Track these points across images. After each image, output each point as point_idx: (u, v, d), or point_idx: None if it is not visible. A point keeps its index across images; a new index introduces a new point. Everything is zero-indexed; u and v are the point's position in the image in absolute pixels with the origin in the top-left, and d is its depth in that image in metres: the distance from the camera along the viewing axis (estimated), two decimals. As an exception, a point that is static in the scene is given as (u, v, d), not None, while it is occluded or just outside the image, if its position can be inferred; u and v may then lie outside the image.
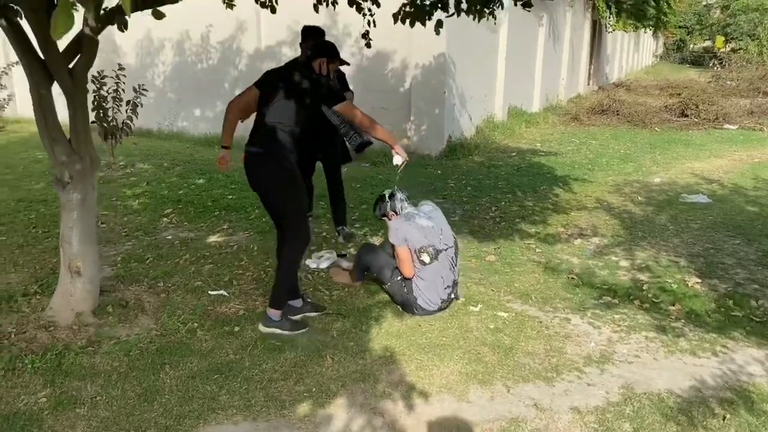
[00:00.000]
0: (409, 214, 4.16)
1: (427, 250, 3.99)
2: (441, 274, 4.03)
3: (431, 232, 4.06)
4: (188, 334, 3.75)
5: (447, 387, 3.30)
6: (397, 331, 3.87)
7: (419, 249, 4.00)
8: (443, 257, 4.04)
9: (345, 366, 3.46)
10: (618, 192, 7.63)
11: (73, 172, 3.82)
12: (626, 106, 14.59)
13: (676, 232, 6.06)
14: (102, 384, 3.22)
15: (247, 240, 5.51)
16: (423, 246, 4.00)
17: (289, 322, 3.85)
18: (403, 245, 4.01)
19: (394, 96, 9.16)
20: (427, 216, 4.20)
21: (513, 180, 8.01)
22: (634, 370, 3.52)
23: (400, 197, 4.24)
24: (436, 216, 4.24)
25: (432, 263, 4.00)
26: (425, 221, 4.10)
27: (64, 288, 3.90)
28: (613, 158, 9.69)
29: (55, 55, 3.63)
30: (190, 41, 10.70)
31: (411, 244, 4.01)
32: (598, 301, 4.45)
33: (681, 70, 33.66)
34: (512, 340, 3.80)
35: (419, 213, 4.20)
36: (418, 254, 4.00)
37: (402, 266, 4.05)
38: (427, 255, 3.99)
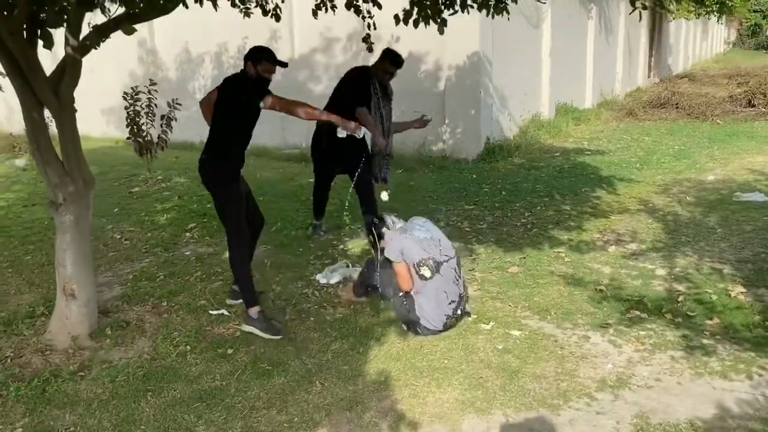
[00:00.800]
0: (402, 227, 3.92)
1: (426, 263, 3.73)
2: (444, 288, 3.76)
3: (429, 243, 3.80)
4: (179, 358, 3.63)
5: (440, 416, 3.05)
6: (397, 353, 3.63)
7: (418, 263, 3.74)
8: (445, 269, 3.77)
9: (334, 392, 3.26)
10: (665, 192, 7.12)
11: (66, 193, 3.77)
12: (686, 98, 13.80)
13: (724, 236, 5.56)
14: (81, 413, 3.13)
15: (263, 255, 5.37)
16: (422, 259, 3.74)
17: (265, 324, 3.90)
18: (399, 259, 3.78)
19: (428, 99, 8.88)
20: (422, 228, 3.95)
21: (553, 182, 7.61)
22: (653, 396, 3.16)
23: (390, 217, 4.05)
24: (431, 228, 3.99)
25: (434, 277, 3.74)
26: (421, 233, 3.85)
27: (60, 311, 3.86)
28: (665, 155, 9.10)
29: (39, 78, 3.58)
30: (227, 54, 10.74)
31: (409, 258, 3.76)
32: (624, 315, 4.07)
33: (755, 57, 31.82)
34: (520, 363, 3.49)
35: (416, 226, 3.96)
36: (418, 268, 3.75)
37: (399, 281, 3.81)
38: (428, 269, 3.73)
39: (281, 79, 10.30)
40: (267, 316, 4.00)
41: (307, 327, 4.00)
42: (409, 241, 3.79)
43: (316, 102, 9.94)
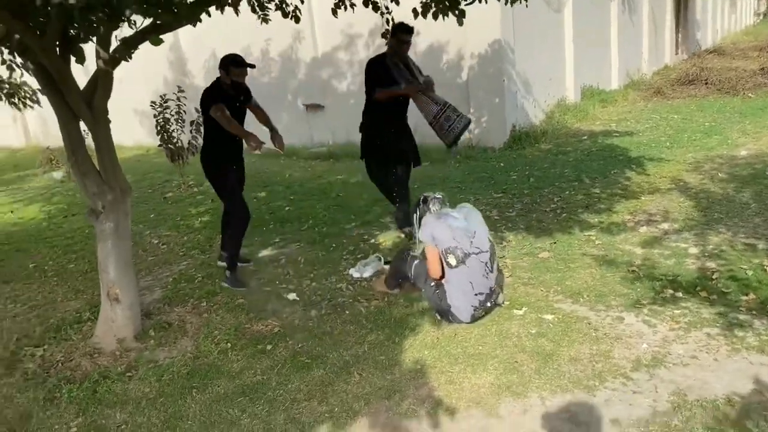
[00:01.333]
0: (441, 213, 3.95)
1: (454, 252, 3.77)
2: (470, 279, 3.79)
3: (461, 233, 3.83)
4: (220, 355, 3.75)
5: (476, 401, 3.10)
6: (432, 342, 3.70)
7: (445, 250, 3.78)
8: (473, 261, 3.81)
9: (372, 382, 3.34)
10: (697, 170, 7.03)
11: (105, 202, 3.91)
12: (716, 73, 13.52)
13: (758, 211, 5.48)
14: (130, 412, 3.26)
15: (296, 252, 5.49)
16: (450, 247, 3.78)
17: (233, 279, 4.81)
18: (430, 243, 3.82)
19: (452, 89, 8.85)
20: (463, 217, 3.97)
21: (581, 166, 7.57)
22: (689, 374, 3.17)
23: (435, 198, 4.06)
24: (472, 218, 3.99)
25: (459, 267, 3.78)
26: (458, 222, 3.86)
27: (105, 315, 4.01)
28: (695, 132, 8.97)
29: (73, 91, 3.72)
30: (251, 57, 10.88)
31: (438, 243, 3.80)
32: (657, 295, 4.07)
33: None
34: (554, 346, 3.53)
35: (454, 214, 3.99)
36: (445, 255, 3.79)
37: (429, 265, 3.86)
38: (454, 257, 3.77)
39: (305, 78, 10.50)
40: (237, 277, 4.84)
41: (343, 320, 4.08)
42: (442, 227, 3.83)
43: (342, 99, 10.08)
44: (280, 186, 8.02)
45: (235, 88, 4.69)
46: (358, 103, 9.95)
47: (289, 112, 10.71)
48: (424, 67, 9.08)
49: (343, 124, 10.04)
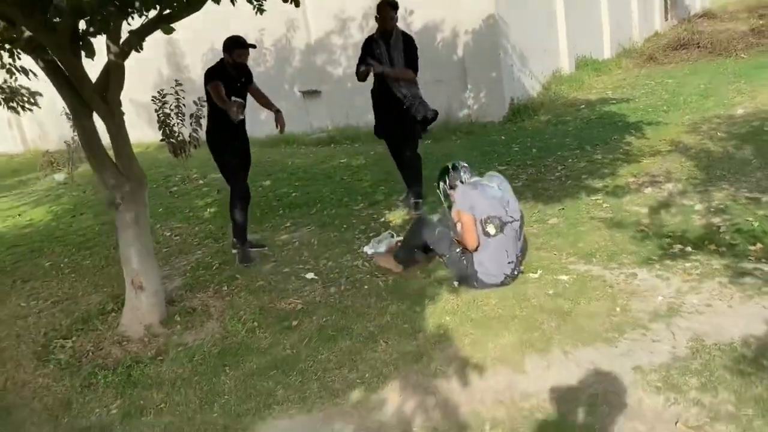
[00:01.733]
0: (477, 182, 4.04)
1: (493, 221, 3.85)
2: (506, 247, 3.89)
3: (498, 203, 3.91)
4: (248, 334, 3.85)
5: (502, 359, 3.22)
6: (452, 308, 3.80)
7: (485, 219, 3.86)
8: (509, 230, 3.89)
9: (398, 348, 3.44)
10: (695, 131, 7.12)
11: (124, 193, 3.99)
12: (707, 36, 13.58)
13: (759, 165, 5.59)
14: (167, 391, 3.36)
15: (308, 235, 5.57)
16: (489, 216, 3.86)
17: (241, 254, 5.04)
18: (468, 213, 3.90)
19: (448, 66, 8.96)
20: (496, 186, 4.05)
21: (581, 135, 7.66)
22: (705, 321, 3.28)
23: (464, 167, 4.14)
24: (504, 187, 4.07)
25: (497, 235, 3.86)
26: (494, 191, 3.95)
27: (131, 303, 4.10)
28: (691, 95, 9.05)
29: (87, 86, 3.79)
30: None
31: (476, 212, 3.89)
32: (667, 251, 4.18)
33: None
34: (572, 304, 3.64)
35: (489, 183, 4.07)
36: (484, 225, 3.87)
37: (466, 235, 3.93)
38: (493, 226, 3.85)
39: (300, 65, 10.53)
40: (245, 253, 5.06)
41: (363, 294, 4.18)
42: (481, 197, 3.91)
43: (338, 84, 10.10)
44: (284, 173, 8.09)
45: (237, 69, 4.93)
46: (355, 86, 10.02)
47: (287, 100, 10.73)
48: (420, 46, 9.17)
49: (341, 108, 10.12)
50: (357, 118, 9.66)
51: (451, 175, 4.13)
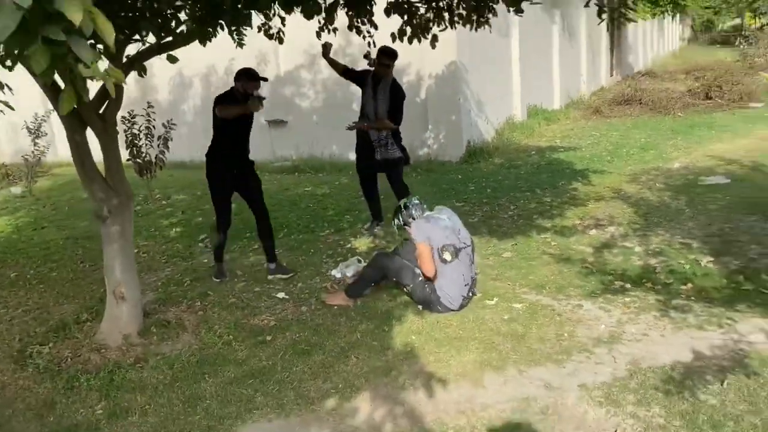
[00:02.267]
0: (428, 216, 4.44)
1: (448, 248, 4.25)
2: (462, 271, 4.29)
3: (450, 232, 4.33)
4: (225, 346, 4.09)
5: (463, 375, 3.56)
6: (417, 329, 4.14)
7: (441, 247, 4.26)
8: (463, 255, 4.31)
9: (368, 363, 3.74)
10: (636, 181, 7.75)
11: (111, 206, 4.21)
12: (648, 94, 14.57)
13: (692, 215, 6.19)
14: (150, 395, 3.57)
15: (278, 257, 5.83)
16: (445, 244, 4.26)
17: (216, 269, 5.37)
18: (425, 243, 4.28)
19: (411, 107, 9.35)
20: (446, 217, 4.47)
21: (532, 178, 8.21)
22: (642, 348, 3.71)
23: (416, 203, 4.53)
24: (453, 218, 4.50)
25: (453, 261, 4.26)
26: (445, 222, 4.38)
27: (111, 313, 4.28)
28: (633, 148, 9.78)
29: (87, 104, 4.03)
30: (216, 75, 11.19)
31: (433, 242, 4.27)
32: (609, 286, 4.64)
33: (710, 52, 33.07)
34: (525, 329, 4.03)
35: (440, 215, 4.48)
36: (440, 252, 4.26)
37: (424, 264, 4.31)
38: (449, 253, 4.25)
39: (268, 95, 10.80)
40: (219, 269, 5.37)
41: (333, 314, 4.47)
42: (435, 228, 4.32)
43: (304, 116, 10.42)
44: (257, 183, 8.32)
45: (246, 99, 5.02)
46: (321, 119, 10.40)
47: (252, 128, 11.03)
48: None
49: (306, 139, 10.46)
50: (321, 149, 10.02)
51: (404, 213, 4.53)
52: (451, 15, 4.79)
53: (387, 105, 5.78)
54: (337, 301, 4.64)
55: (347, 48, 9.91)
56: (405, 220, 4.49)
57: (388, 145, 5.88)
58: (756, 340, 3.69)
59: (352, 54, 9.93)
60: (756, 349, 3.56)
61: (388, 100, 5.77)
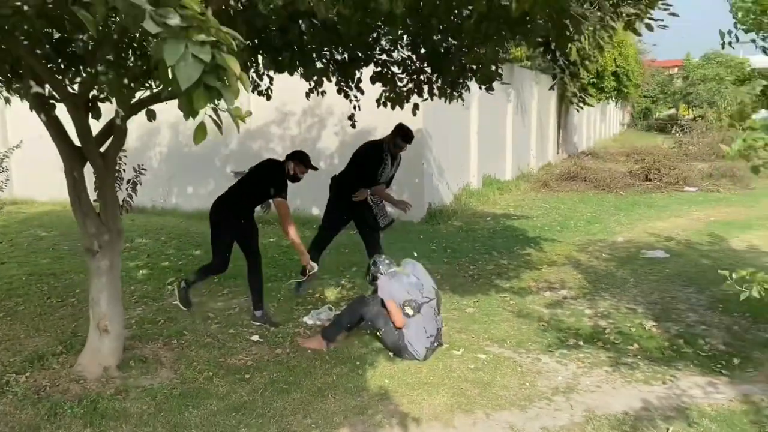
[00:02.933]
0: (394, 273, 4.78)
1: (410, 303, 4.59)
2: (424, 325, 4.61)
3: (413, 287, 4.67)
4: (205, 381, 4.25)
5: (435, 416, 3.83)
6: (390, 373, 4.40)
7: (403, 303, 4.59)
8: (426, 309, 4.63)
9: (346, 402, 3.97)
10: (584, 250, 8.30)
11: (102, 242, 4.38)
12: (592, 173, 15.51)
13: (635, 284, 6.71)
14: (135, 423, 3.70)
15: (247, 303, 6.01)
16: (406, 300, 4.59)
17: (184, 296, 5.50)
18: (391, 299, 4.60)
19: (376, 169, 9.90)
20: (411, 273, 4.81)
21: (489, 242, 8.68)
22: (596, 398, 4.07)
23: (384, 260, 4.89)
24: (417, 272, 4.85)
25: (415, 316, 4.58)
26: (408, 278, 4.72)
27: (92, 345, 4.39)
28: (580, 220, 10.44)
29: (90, 141, 4.27)
30: (184, 124, 11.45)
31: (395, 299, 4.60)
32: (565, 343, 5.03)
33: (647, 137, 35.30)
34: (490, 377, 4.34)
35: (403, 272, 4.82)
36: (403, 307, 4.59)
37: (393, 317, 4.62)
38: (410, 308, 4.58)
39: (236, 148, 11.13)
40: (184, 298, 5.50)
41: (308, 357, 4.69)
42: (397, 285, 4.66)
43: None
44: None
45: (292, 179, 5.34)
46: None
47: (216, 178, 11.26)
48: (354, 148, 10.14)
49: (270, 192, 10.72)
50: (285, 203, 10.28)
51: (372, 270, 4.90)
52: (431, 87, 5.27)
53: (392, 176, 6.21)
54: (311, 345, 4.86)
55: (316, 109, 10.39)
56: (374, 275, 4.84)
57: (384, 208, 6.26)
58: (695, 395, 4.11)
59: (320, 114, 10.41)
60: (695, 403, 3.97)
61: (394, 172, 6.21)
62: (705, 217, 10.80)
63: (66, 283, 6.81)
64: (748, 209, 11.51)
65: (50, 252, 8.36)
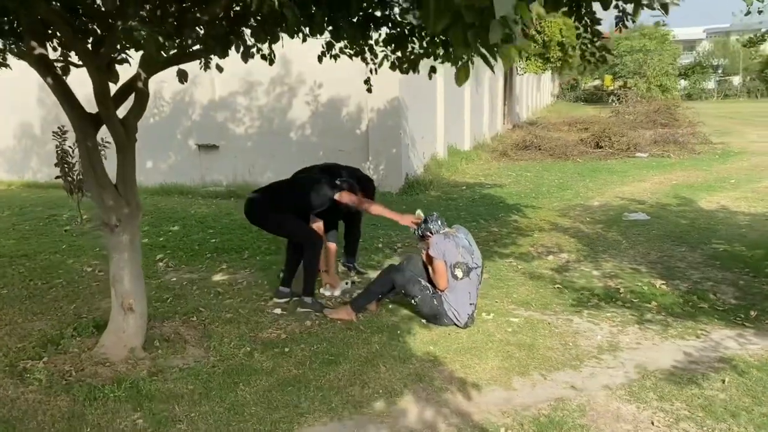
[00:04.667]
0: (447, 233, 4.66)
1: (461, 266, 4.50)
2: (469, 290, 4.53)
3: (465, 251, 4.58)
4: (246, 357, 4.06)
5: (493, 379, 3.79)
6: (431, 340, 4.33)
7: (454, 264, 4.50)
8: (473, 275, 4.56)
9: (399, 371, 3.88)
10: (565, 216, 8.43)
11: (121, 215, 4.08)
12: (546, 141, 15.80)
13: (630, 245, 6.87)
14: (188, 404, 3.48)
15: (251, 276, 5.81)
16: (458, 262, 4.50)
17: (317, 304, 4.92)
18: (441, 259, 4.50)
19: (351, 138, 9.72)
20: (463, 236, 4.71)
21: (472, 210, 8.69)
22: (641, 354, 4.13)
23: (436, 219, 4.75)
24: (469, 237, 4.75)
25: (464, 279, 4.50)
26: (462, 241, 4.62)
27: (116, 325, 4.11)
28: (551, 187, 10.61)
29: (110, 108, 3.95)
30: (140, 95, 10.88)
31: (447, 258, 4.50)
32: (587, 303, 5.08)
33: (577, 108, 36.34)
34: (531, 339, 4.34)
35: (458, 234, 4.71)
36: (452, 269, 4.50)
37: (438, 278, 4.53)
38: (460, 270, 4.49)
39: (200, 119, 10.67)
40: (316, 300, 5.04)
41: (340, 328, 4.55)
42: (452, 245, 4.55)
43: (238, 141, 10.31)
44: (191, 220, 8.16)
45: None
46: (255, 145, 10.34)
47: (179, 152, 10.80)
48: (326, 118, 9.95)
49: (239, 164, 10.39)
50: (257, 175, 9.98)
51: (423, 227, 4.75)
52: (446, 50, 5.13)
53: None
54: (340, 315, 4.72)
55: (285, 78, 10.07)
56: (424, 233, 4.70)
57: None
58: (730, 346, 4.24)
59: (289, 83, 10.10)
60: (737, 354, 4.09)
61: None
62: (666, 180, 11.19)
63: (44, 265, 6.37)
64: (705, 173, 11.99)
65: (12, 233, 7.81)
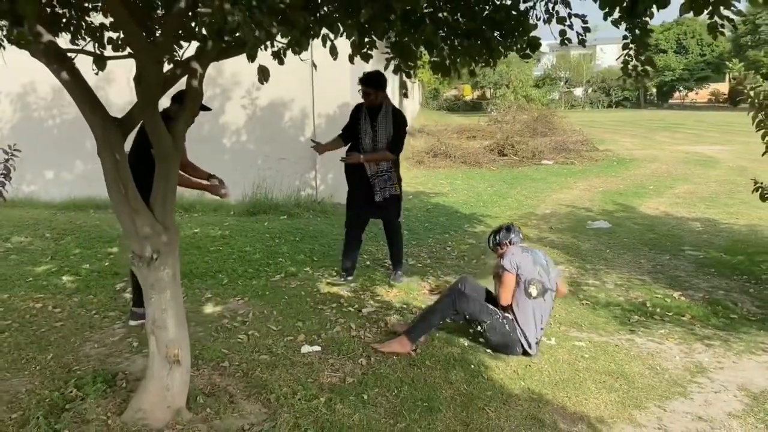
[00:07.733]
0: (526, 248, 4.24)
1: (536, 284, 4.08)
2: (541, 312, 4.14)
3: (543, 270, 4.17)
4: (327, 410, 3.35)
5: (615, 416, 3.42)
6: (515, 374, 3.87)
7: (529, 280, 4.08)
8: (548, 297, 4.16)
9: (508, 413, 3.39)
10: (527, 225, 8.30)
11: (160, 245, 3.26)
12: (452, 149, 15.80)
13: (615, 255, 6.84)
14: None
15: (251, 306, 5.01)
16: (534, 279, 4.09)
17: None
18: (512, 272, 4.07)
19: (295, 145, 8.99)
20: (542, 255, 4.30)
21: (434, 221, 8.33)
22: (732, 374, 3.97)
23: (518, 230, 4.34)
24: (547, 258, 4.34)
25: (537, 299, 4.10)
26: (540, 259, 4.20)
27: (160, 382, 3.26)
28: (490, 195, 10.51)
29: (156, 113, 3.14)
30: (35, 94, 9.42)
31: (522, 273, 4.07)
32: (630, 320, 4.89)
33: (442, 116, 37.17)
34: (617, 366, 4.03)
35: (537, 251, 4.31)
36: (527, 285, 4.07)
37: (503, 291, 4.12)
38: (536, 288, 4.08)
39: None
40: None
41: (401, 365, 3.92)
42: (530, 260, 4.12)
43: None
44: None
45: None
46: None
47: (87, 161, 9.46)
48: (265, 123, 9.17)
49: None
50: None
51: (501, 235, 4.32)
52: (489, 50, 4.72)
53: (388, 135, 5.41)
54: (394, 349, 4.13)
55: (218, 78, 9.20)
56: (501, 242, 4.25)
57: (387, 180, 5.49)
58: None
59: (223, 84, 9.23)
60: (819, 366, 4.05)
61: (391, 129, 5.40)
62: (591, 187, 11.52)
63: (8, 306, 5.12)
64: (617, 179, 12.51)
65: None
